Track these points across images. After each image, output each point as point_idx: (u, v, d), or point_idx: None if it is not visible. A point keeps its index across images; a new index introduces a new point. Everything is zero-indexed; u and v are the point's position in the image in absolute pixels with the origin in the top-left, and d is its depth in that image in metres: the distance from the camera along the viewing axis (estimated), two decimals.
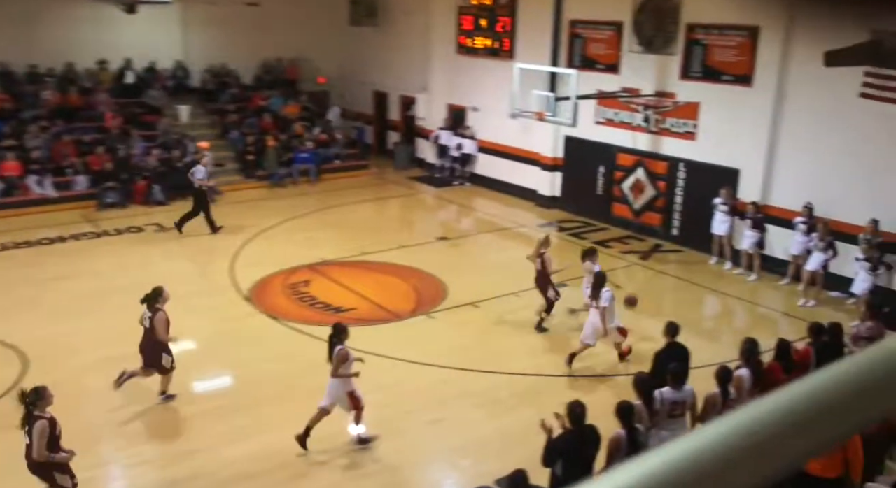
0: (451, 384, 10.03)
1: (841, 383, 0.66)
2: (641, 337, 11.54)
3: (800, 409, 0.64)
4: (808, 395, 0.65)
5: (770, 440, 0.63)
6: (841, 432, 0.66)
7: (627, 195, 17.33)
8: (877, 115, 12.44)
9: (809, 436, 0.65)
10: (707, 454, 0.60)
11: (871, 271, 11.96)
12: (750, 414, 0.63)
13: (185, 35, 22.96)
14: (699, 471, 0.60)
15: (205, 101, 22.66)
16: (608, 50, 17.16)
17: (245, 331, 11.60)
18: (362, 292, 13.16)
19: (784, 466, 0.63)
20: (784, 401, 0.64)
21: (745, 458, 0.62)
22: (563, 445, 6.66)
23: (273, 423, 8.90)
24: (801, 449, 0.64)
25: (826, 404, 0.65)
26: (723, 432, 0.62)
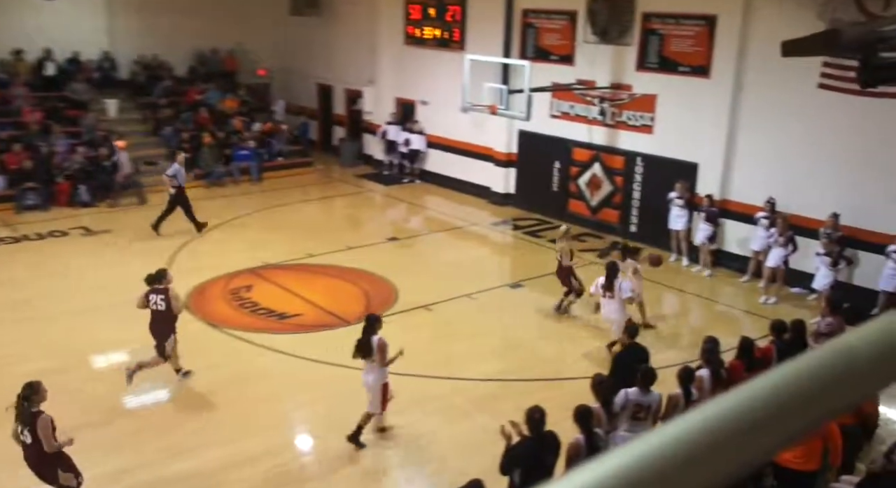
0: (405, 391, 10.01)
1: (796, 381, 0.68)
2: (601, 337, 11.70)
3: (755, 407, 0.66)
4: (763, 393, 0.66)
5: (727, 438, 0.64)
6: (797, 429, 0.68)
7: (584, 191, 17.54)
8: (836, 106, 12.82)
9: (766, 434, 0.66)
10: (665, 453, 0.61)
11: (831, 266, 12.32)
12: (706, 413, 0.65)
13: (111, 23, 22.45)
14: (657, 471, 0.61)
15: (135, 95, 22.22)
16: (562, 40, 17.34)
17: (182, 340, 11.38)
18: (308, 297, 13.06)
19: (742, 464, 0.65)
20: (739, 400, 0.66)
21: (704, 456, 0.63)
22: (522, 452, 6.71)
23: (214, 437, 8.79)
24: (758, 446, 0.66)
25: (781, 402, 0.67)
26: (680, 431, 0.63)
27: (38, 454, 7.06)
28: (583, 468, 0.62)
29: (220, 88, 23.01)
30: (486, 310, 12.96)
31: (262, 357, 10.96)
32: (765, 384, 0.67)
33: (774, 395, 0.66)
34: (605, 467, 0.60)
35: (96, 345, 11.18)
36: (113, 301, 12.53)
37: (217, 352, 11.06)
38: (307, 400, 9.91)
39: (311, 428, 9.45)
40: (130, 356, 11.02)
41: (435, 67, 20.26)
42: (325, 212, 19.45)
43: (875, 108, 12.17)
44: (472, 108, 15.99)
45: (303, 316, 12.38)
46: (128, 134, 20.44)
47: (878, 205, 12.70)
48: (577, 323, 12.54)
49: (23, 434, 7.02)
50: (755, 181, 14.29)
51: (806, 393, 0.67)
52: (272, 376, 10.46)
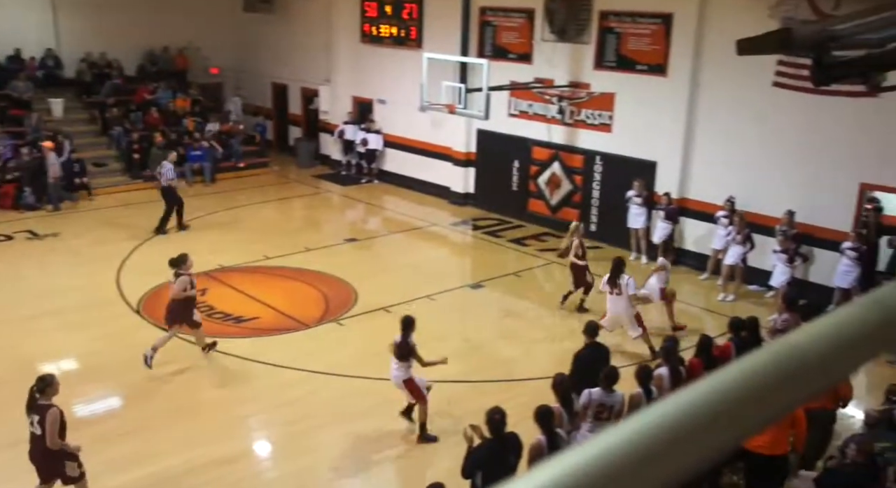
0: (365, 395, 10.00)
1: (746, 378, 0.70)
2: (561, 337, 11.81)
3: (709, 404, 0.69)
4: (715, 390, 0.69)
5: (683, 435, 0.67)
6: (750, 425, 0.71)
7: (543, 190, 17.68)
8: (791, 104, 13.11)
9: (720, 430, 0.69)
10: (622, 450, 0.64)
11: (788, 263, 12.60)
12: (661, 411, 0.67)
13: (56, 20, 21.96)
14: (615, 468, 0.63)
15: (81, 94, 21.79)
16: (520, 39, 17.46)
17: (134, 346, 11.21)
18: (265, 300, 12.96)
19: (698, 460, 0.67)
20: (693, 397, 0.69)
21: (660, 453, 0.66)
22: (483, 454, 6.74)
23: (165, 447, 8.65)
24: (713, 442, 0.69)
25: (733, 398, 0.69)
26: (636, 429, 0.65)
27: (42, 447, 7.15)
28: (542, 467, 0.64)
29: (172, 87, 22.69)
30: (446, 312, 12.99)
31: (218, 362, 10.84)
32: (717, 381, 0.70)
33: (726, 392, 0.69)
34: (564, 465, 0.62)
35: (44, 352, 10.95)
36: (62, 306, 12.32)
37: (171, 358, 10.90)
38: (265, 405, 9.83)
39: (269, 434, 9.38)
40: (78, 364, 10.84)
41: (392, 66, 20.24)
42: (282, 213, 19.30)
43: (829, 105, 12.47)
44: (431, 107, 16.02)
45: (260, 319, 12.28)
46: (75, 134, 20.04)
47: (832, 203, 13.02)
48: (539, 324, 12.64)
49: (33, 425, 7.13)
50: (713, 179, 14.55)
51: (756, 390, 0.70)
52: (229, 381, 10.36)
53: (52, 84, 21.46)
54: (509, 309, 13.13)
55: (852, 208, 12.95)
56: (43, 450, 7.18)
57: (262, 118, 24.18)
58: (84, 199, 18.68)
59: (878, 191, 13.17)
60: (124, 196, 19.19)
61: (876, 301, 0.87)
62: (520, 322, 12.62)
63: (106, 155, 20.50)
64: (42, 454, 7.21)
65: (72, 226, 16.66)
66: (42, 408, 7.10)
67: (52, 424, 7.04)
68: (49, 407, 7.10)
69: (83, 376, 10.51)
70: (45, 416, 7.06)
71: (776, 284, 12.75)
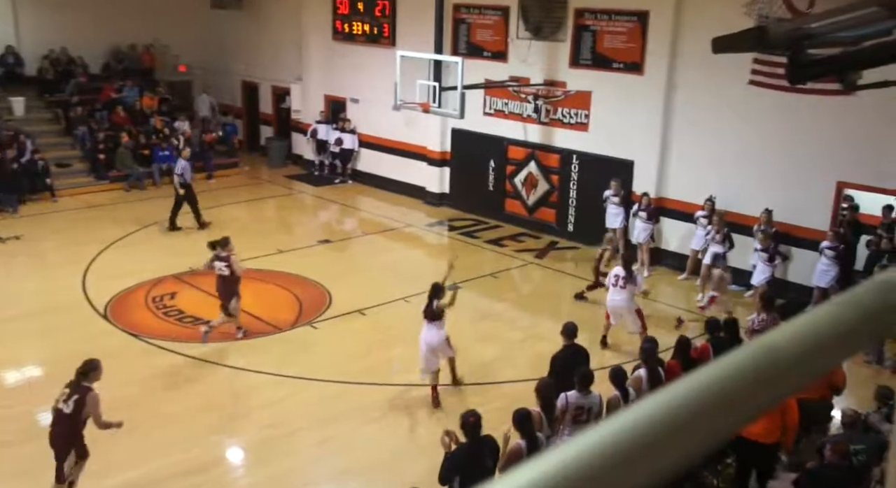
0: (340, 399, 9.97)
1: (721, 379, 0.72)
2: (539, 338, 11.86)
3: (684, 406, 0.70)
4: (687, 392, 0.70)
5: (658, 436, 0.68)
6: (723, 427, 0.72)
7: (520, 190, 17.74)
8: (768, 102, 13.27)
9: (693, 432, 0.70)
10: (599, 452, 0.65)
11: (768, 262, 12.72)
12: (636, 413, 0.68)
13: (16, 15, 21.66)
14: (592, 470, 0.64)
15: (44, 93, 21.50)
16: (495, 36, 17.51)
17: (100, 352, 11.04)
18: None
19: (673, 462, 0.68)
20: (668, 399, 0.70)
21: (637, 455, 0.67)
22: (460, 459, 6.75)
23: (131, 458, 8.54)
24: (686, 444, 0.70)
25: (705, 401, 0.71)
26: (612, 431, 0.66)
27: (66, 427, 7.51)
28: (520, 469, 0.64)
29: (138, 86, 22.47)
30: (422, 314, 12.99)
31: (188, 368, 10.76)
32: (693, 381, 0.71)
33: (702, 393, 0.70)
34: (542, 467, 0.63)
35: (8, 359, 10.80)
36: (25, 311, 12.15)
37: (139, 364, 10.80)
38: (237, 412, 9.77)
39: (241, 441, 9.31)
40: (43, 371, 10.70)
41: (365, 64, 20.21)
42: (254, 214, 19.19)
43: (806, 104, 12.64)
44: (405, 106, 16.01)
45: (231, 323, 12.18)
46: (37, 134, 19.78)
47: (810, 202, 13.20)
48: (516, 325, 12.67)
49: (66, 402, 7.41)
50: (690, 178, 14.68)
51: (732, 390, 0.71)
52: (200, 387, 10.27)
53: (13, 82, 21.15)
54: (486, 311, 13.15)
55: (830, 207, 13.13)
56: (64, 429, 7.53)
57: (231, 117, 23.97)
58: (47, 201, 18.45)
59: (854, 190, 13.38)
60: (89, 197, 18.98)
61: (852, 300, 0.89)
62: (497, 324, 12.65)
63: (70, 155, 20.25)
64: (62, 432, 7.56)
65: (35, 229, 16.44)
66: (83, 390, 7.48)
67: (95, 406, 7.48)
68: (89, 389, 7.49)
69: (47, 384, 10.34)
70: (86, 398, 7.44)
71: (756, 283, 12.88)
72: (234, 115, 24.25)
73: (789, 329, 0.81)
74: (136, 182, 19.87)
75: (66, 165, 19.85)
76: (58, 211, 17.97)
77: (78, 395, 7.44)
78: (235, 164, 22.22)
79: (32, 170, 18.47)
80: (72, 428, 7.51)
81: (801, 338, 0.80)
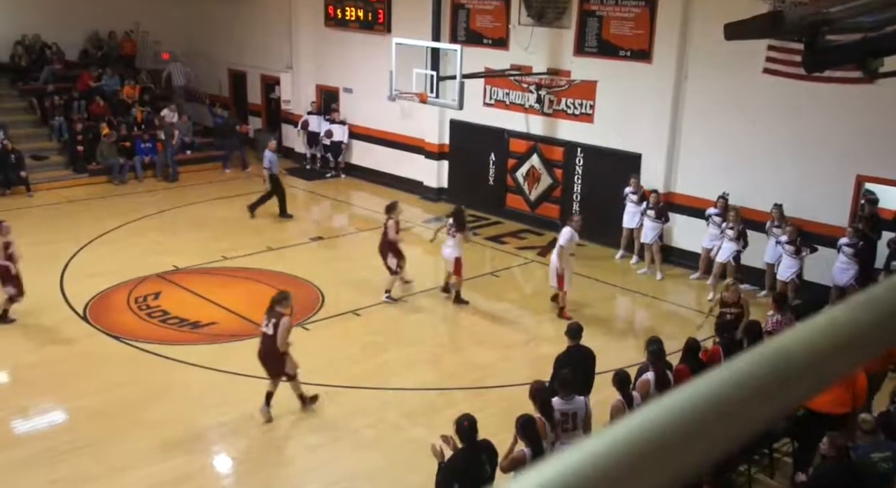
0: (333, 403, 9.99)
1: (728, 384, 0.72)
2: (541, 340, 11.88)
3: (690, 412, 0.71)
4: (696, 398, 0.71)
5: (666, 442, 0.69)
6: (734, 435, 0.73)
7: (522, 185, 17.74)
8: (782, 92, 13.26)
9: (702, 440, 0.71)
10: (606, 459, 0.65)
11: (795, 255, 12.67)
12: (644, 418, 0.69)
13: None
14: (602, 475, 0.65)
15: (16, 80, 21.46)
16: (495, 23, 17.50)
17: (81, 355, 11.12)
18: (224, 303, 12.88)
19: (684, 468, 0.69)
20: (675, 403, 0.70)
21: (640, 465, 0.67)
22: (457, 465, 6.75)
23: (115, 465, 8.56)
24: (695, 452, 0.71)
25: (714, 407, 0.71)
26: (620, 436, 0.67)
27: (270, 346, 9.21)
28: (524, 475, 0.65)
29: (118, 74, 22.44)
30: (418, 314, 13.01)
31: (174, 371, 10.76)
32: (695, 390, 0.72)
33: (712, 396, 0.71)
34: (547, 473, 0.64)
35: None
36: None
37: (121, 368, 10.80)
38: (226, 417, 9.77)
39: (230, 446, 9.32)
40: (17, 375, 10.70)
41: (359, 52, 20.19)
42: (242, 210, 19.16)
43: (823, 93, 12.62)
44: (401, 97, 15.99)
45: (218, 324, 12.20)
46: (11, 124, 19.75)
47: (827, 197, 13.17)
48: (518, 326, 12.69)
49: (267, 325, 9.18)
50: (700, 172, 14.68)
51: (744, 394, 0.72)
52: (185, 392, 10.28)
53: None
54: (487, 311, 13.16)
55: (849, 202, 13.11)
56: (270, 349, 9.23)
57: (219, 108, 23.86)
58: (22, 196, 18.43)
59: (875, 184, 13.34)
60: (67, 192, 18.97)
61: (868, 301, 0.90)
62: (497, 325, 12.66)
63: (46, 147, 20.22)
64: (269, 352, 9.27)
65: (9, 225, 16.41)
66: (278, 315, 9.17)
67: (284, 331, 9.11)
68: (283, 315, 9.18)
69: (27, 387, 10.38)
70: (280, 322, 9.11)
71: (784, 278, 12.79)
72: (221, 106, 24.11)
73: (804, 330, 0.82)
74: (118, 175, 19.85)
75: (43, 158, 19.82)
76: (34, 206, 17.95)
77: (275, 319, 9.15)
78: (222, 157, 22.21)
79: (5, 162, 18.41)
80: (275, 346, 9.17)
81: (815, 339, 0.81)
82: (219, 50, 24.05)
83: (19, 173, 18.56)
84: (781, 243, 12.84)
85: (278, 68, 22.41)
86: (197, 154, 21.76)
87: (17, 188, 18.52)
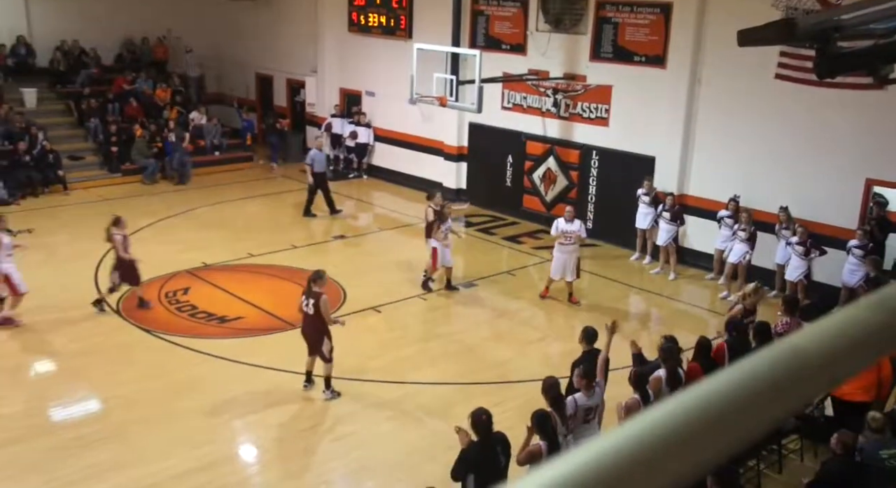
0: (354, 397, 10.02)
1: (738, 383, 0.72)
2: (555, 337, 11.85)
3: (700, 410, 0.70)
4: (707, 396, 0.71)
5: (680, 439, 0.68)
6: (744, 432, 0.72)
7: (538, 186, 17.70)
8: (794, 97, 13.15)
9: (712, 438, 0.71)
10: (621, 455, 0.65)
11: (804, 256, 12.57)
12: (657, 415, 0.69)
13: (27, 5, 21.82)
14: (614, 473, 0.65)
15: (55, 84, 21.66)
16: (514, 29, 17.47)
17: (114, 347, 11.21)
18: (250, 299, 12.95)
19: (698, 463, 0.69)
20: (689, 401, 0.70)
21: (657, 457, 0.67)
22: (473, 456, 6.76)
23: (146, 453, 8.63)
24: (712, 445, 0.71)
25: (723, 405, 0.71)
26: (634, 433, 0.67)
27: (313, 324, 9.71)
28: (542, 469, 0.65)
29: (151, 78, 22.61)
30: (437, 311, 13.01)
31: (201, 364, 10.83)
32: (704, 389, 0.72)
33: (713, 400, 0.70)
34: (565, 467, 0.64)
35: (21, 352, 10.92)
36: (37, 306, 12.26)
37: (152, 360, 10.89)
38: (250, 408, 9.83)
39: (254, 437, 9.37)
40: (54, 366, 10.81)
41: (381, 56, 20.22)
42: (268, 209, 19.25)
43: (834, 99, 12.51)
44: (421, 100, 16.00)
45: (245, 319, 12.27)
46: (50, 126, 19.94)
47: (837, 199, 13.05)
48: (533, 324, 12.67)
49: (307, 305, 9.60)
50: (713, 175, 14.58)
51: (756, 393, 0.72)
52: (212, 384, 10.34)
53: (25, 73, 21.32)
54: (503, 309, 13.15)
55: (858, 205, 12.99)
56: (312, 326, 9.75)
57: (244, 109, 23.93)
58: (60, 194, 18.61)
59: (885, 188, 13.22)
60: (102, 190, 19.13)
61: (879, 302, 0.89)
62: (513, 322, 12.64)
63: (82, 148, 20.41)
64: (311, 329, 9.77)
65: (47, 223, 16.58)
66: (315, 294, 9.57)
67: (325, 306, 9.62)
68: (320, 294, 9.59)
69: (61, 378, 10.49)
70: (319, 301, 9.53)
71: (792, 278, 12.70)
72: (247, 108, 24.22)
73: (815, 330, 0.81)
74: (151, 175, 19.98)
75: (79, 158, 20.01)
76: (70, 204, 18.13)
77: (314, 299, 9.54)
78: (250, 158, 22.33)
79: (44, 162, 18.64)
80: (316, 324, 9.66)
81: (827, 339, 0.80)
82: (247, 55, 24.17)
83: (57, 172, 18.76)
84: (791, 244, 12.75)
85: (303, 72, 22.49)
86: (225, 155, 21.86)
87: (54, 186, 18.71)
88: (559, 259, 12.86)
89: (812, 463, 8.48)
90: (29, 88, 20.75)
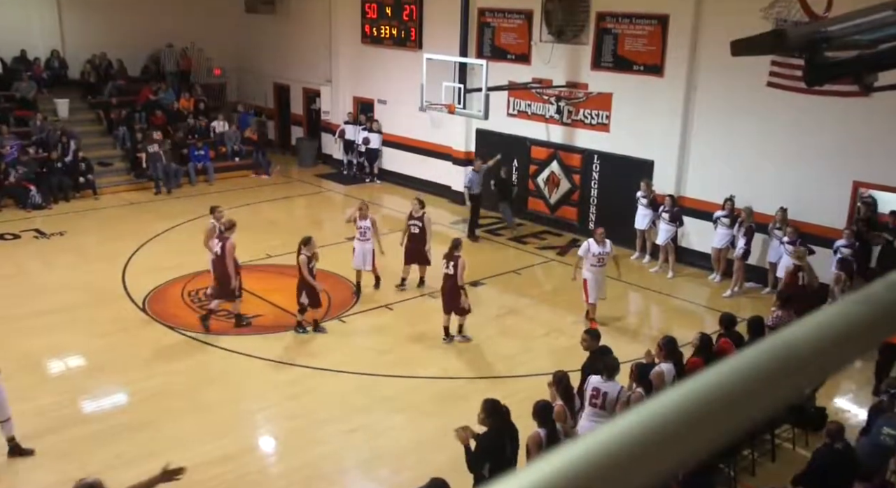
0: (367, 391, 10.03)
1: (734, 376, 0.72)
2: (560, 333, 11.84)
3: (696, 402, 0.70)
4: (702, 389, 0.71)
5: (677, 430, 0.69)
6: (737, 424, 0.72)
7: (542, 189, 17.69)
8: (785, 103, 13.10)
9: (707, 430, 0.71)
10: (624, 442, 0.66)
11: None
12: (658, 405, 0.69)
13: (61, 21, 21.96)
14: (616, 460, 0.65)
15: (86, 95, 21.77)
16: (519, 39, 17.46)
17: (140, 342, 11.26)
18: (268, 297, 12.98)
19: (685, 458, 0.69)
20: (682, 395, 0.70)
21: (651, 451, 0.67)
22: (488, 444, 6.72)
23: (172, 442, 8.66)
24: (708, 435, 0.71)
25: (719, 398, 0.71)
26: (638, 420, 0.67)
27: (451, 284, 10.82)
28: (545, 458, 0.65)
29: (175, 88, 22.69)
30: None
31: (222, 359, 10.87)
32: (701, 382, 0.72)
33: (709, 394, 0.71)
34: (567, 456, 0.64)
35: (52, 348, 10.97)
36: (69, 303, 12.34)
37: (176, 355, 10.94)
38: (268, 401, 9.86)
39: (273, 429, 9.40)
40: (85, 361, 10.86)
41: (392, 66, 20.24)
42: (285, 212, 19.30)
43: (823, 105, 12.47)
44: (430, 107, 16.01)
45: (263, 317, 12.29)
46: (81, 134, 20.07)
47: (826, 201, 13.01)
48: (538, 320, 12.65)
49: (448, 267, 10.89)
50: (709, 178, 14.56)
51: (749, 386, 0.72)
52: (233, 378, 10.38)
53: (58, 85, 21.46)
54: (510, 306, 13.14)
55: (846, 206, 12.95)
56: (450, 286, 10.82)
57: (263, 117, 23.99)
58: (90, 198, 18.70)
59: (871, 189, 13.18)
60: (129, 195, 19.21)
61: (865, 298, 0.89)
62: (520, 319, 12.63)
63: (111, 154, 20.51)
64: (449, 289, 10.89)
65: (78, 225, 16.68)
66: (455, 257, 10.74)
67: (462, 267, 10.65)
68: (459, 257, 10.74)
69: (91, 372, 10.54)
70: (458, 262, 10.67)
71: (782, 275, 12.68)
72: (266, 116, 24.29)
73: (804, 325, 0.82)
74: (174, 180, 19.98)
75: (108, 164, 20.10)
76: (99, 208, 18.21)
77: (453, 261, 10.74)
78: (268, 164, 22.36)
79: (76, 168, 18.75)
80: (454, 285, 10.79)
81: (815, 334, 0.80)
82: (265, 65, 24.23)
83: (88, 177, 18.86)
84: (784, 243, 12.72)
85: (319, 82, 22.53)
86: (244, 161, 21.91)
87: (85, 191, 18.80)
88: (594, 281, 12.00)
89: (805, 450, 8.45)
90: (62, 99, 20.88)
